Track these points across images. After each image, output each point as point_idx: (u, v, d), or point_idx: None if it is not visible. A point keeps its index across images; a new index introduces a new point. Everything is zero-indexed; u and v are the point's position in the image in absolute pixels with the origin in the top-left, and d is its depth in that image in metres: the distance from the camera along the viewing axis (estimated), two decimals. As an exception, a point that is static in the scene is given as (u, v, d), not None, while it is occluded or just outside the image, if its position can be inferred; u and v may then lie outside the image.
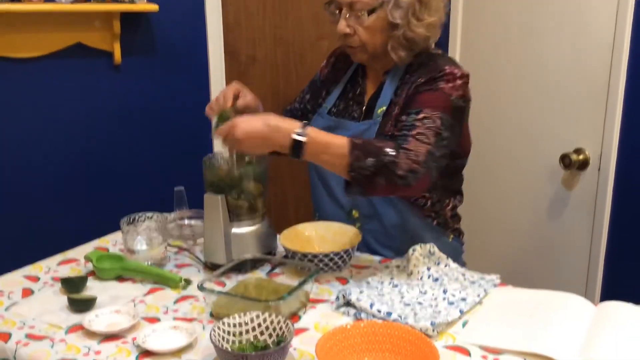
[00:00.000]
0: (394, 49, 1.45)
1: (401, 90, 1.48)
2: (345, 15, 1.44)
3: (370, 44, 1.46)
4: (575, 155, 2.13)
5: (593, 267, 2.16)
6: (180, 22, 2.29)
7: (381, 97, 1.50)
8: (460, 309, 1.22)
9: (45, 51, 2.08)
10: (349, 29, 1.45)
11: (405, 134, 1.35)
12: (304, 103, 1.72)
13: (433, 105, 1.38)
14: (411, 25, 1.42)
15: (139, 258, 1.44)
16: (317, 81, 1.71)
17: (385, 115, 1.48)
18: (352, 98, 1.59)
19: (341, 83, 1.63)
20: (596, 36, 2.04)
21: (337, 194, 1.56)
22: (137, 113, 2.28)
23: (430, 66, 1.45)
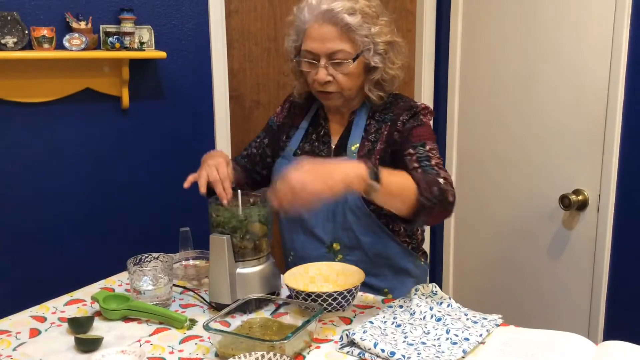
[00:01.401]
0: (370, 90, 1.57)
1: (375, 128, 1.58)
2: (324, 65, 1.51)
3: (347, 89, 1.55)
4: (574, 196, 2.16)
5: (595, 306, 2.16)
6: (187, 68, 2.36)
7: (352, 135, 1.59)
8: (463, 348, 1.23)
9: (55, 96, 2.13)
10: (329, 77, 1.52)
11: (428, 164, 1.47)
12: (262, 147, 1.77)
13: (429, 137, 1.53)
14: (386, 68, 1.55)
15: (145, 298, 1.45)
16: (273, 126, 1.77)
17: (360, 152, 1.57)
18: (317, 139, 1.66)
19: (301, 127, 1.69)
20: (593, 78, 2.10)
21: (315, 229, 1.60)
22: (144, 155, 2.32)
23: (400, 104, 1.59)
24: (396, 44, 1.57)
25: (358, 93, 1.59)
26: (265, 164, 1.76)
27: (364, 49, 1.51)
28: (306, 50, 1.53)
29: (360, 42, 1.50)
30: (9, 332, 1.36)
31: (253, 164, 1.78)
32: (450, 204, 1.41)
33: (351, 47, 1.50)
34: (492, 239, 2.53)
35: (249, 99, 2.60)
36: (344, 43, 1.49)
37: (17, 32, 2.00)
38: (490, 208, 2.52)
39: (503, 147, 2.44)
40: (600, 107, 2.08)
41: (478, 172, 2.57)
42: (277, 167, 1.67)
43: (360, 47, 1.50)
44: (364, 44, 1.50)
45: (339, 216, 1.57)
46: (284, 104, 1.78)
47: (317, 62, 1.52)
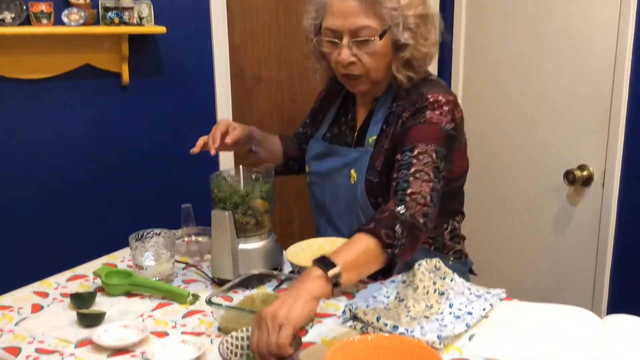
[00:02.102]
0: (399, 71, 1.41)
1: (391, 120, 1.45)
2: (347, 44, 1.37)
3: (374, 70, 1.40)
4: (579, 171, 2.14)
5: (599, 281, 2.16)
6: (187, 43, 2.33)
7: (371, 126, 1.47)
8: (466, 322, 1.23)
9: (54, 72, 2.11)
10: (353, 57, 1.38)
11: (405, 173, 1.30)
12: (305, 127, 1.74)
13: (425, 138, 1.33)
14: (418, 45, 1.39)
15: (147, 274, 1.45)
16: (315, 106, 1.71)
17: (376, 145, 1.45)
18: (345, 123, 1.57)
19: (334, 108, 1.61)
20: (599, 53, 2.07)
21: (336, 221, 1.56)
22: (144, 132, 2.31)
23: (413, 96, 1.41)
24: (429, 16, 1.40)
25: (386, 75, 1.43)
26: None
27: (392, 24, 1.35)
28: (327, 27, 1.38)
29: (387, 16, 1.34)
30: (11, 308, 1.36)
31: (300, 143, 1.73)
32: (421, 227, 1.23)
33: (377, 22, 1.35)
34: (496, 214, 2.52)
35: (250, 75, 2.58)
36: (369, 18, 1.34)
37: (15, 7, 1.97)
38: (494, 183, 2.51)
39: (508, 122, 2.42)
40: (606, 82, 2.06)
41: (482, 148, 2.56)
42: (309, 148, 1.62)
43: (387, 22, 1.35)
44: (392, 18, 1.35)
45: (354, 211, 1.49)
46: (321, 91, 1.70)
47: (339, 41, 1.37)
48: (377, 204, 1.44)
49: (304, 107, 2.57)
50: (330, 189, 1.54)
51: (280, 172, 1.72)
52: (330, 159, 1.54)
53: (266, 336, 1.00)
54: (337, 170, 1.51)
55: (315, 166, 1.58)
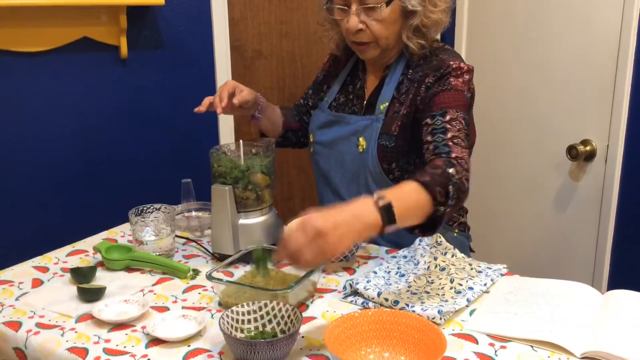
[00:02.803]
0: (410, 39, 1.42)
1: (405, 88, 1.45)
2: (355, 11, 1.38)
3: (383, 38, 1.41)
4: (582, 146, 2.13)
5: (600, 257, 2.16)
6: (186, 16, 2.30)
7: (382, 93, 1.48)
8: (467, 297, 1.23)
9: (51, 45, 2.08)
10: (361, 24, 1.39)
11: (442, 137, 1.31)
12: (307, 99, 1.73)
13: (454, 105, 1.35)
14: (427, 12, 1.39)
15: (147, 249, 1.45)
16: (319, 77, 1.70)
17: (388, 113, 1.45)
18: (353, 92, 1.57)
19: (341, 77, 1.61)
20: (603, 28, 2.04)
21: (341, 191, 1.56)
22: (143, 106, 2.29)
23: (432, 62, 1.42)
24: None
25: (396, 42, 1.44)
26: (310, 115, 1.69)
27: None
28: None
29: None
30: (11, 282, 1.36)
31: (301, 114, 1.73)
32: (466, 192, 1.26)
33: None
34: (498, 190, 2.51)
35: (250, 49, 2.54)
36: None
37: (10, -22, 1.93)
38: (496, 158, 2.50)
39: (511, 97, 2.40)
40: (610, 57, 2.03)
41: (485, 123, 2.53)
42: (313, 118, 1.63)
43: None
44: None
45: (362, 179, 1.50)
46: (329, 56, 1.69)
47: (348, 9, 1.39)
48: (390, 170, 1.46)
49: (305, 82, 2.54)
50: (336, 158, 1.54)
51: (279, 143, 1.72)
52: (336, 128, 1.54)
53: (304, 246, 1.01)
54: (344, 138, 1.51)
55: (320, 135, 1.57)
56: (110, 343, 1.11)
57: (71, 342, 1.12)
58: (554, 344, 1.07)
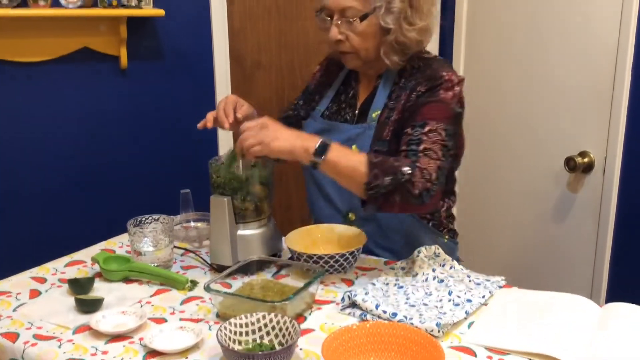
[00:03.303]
0: (386, 54, 1.46)
1: (396, 95, 1.49)
2: (336, 22, 1.44)
3: (362, 50, 1.47)
4: (580, 158, 2.13)
5: (598, 269, 2.16)
6: (186, 26, 2.31)
7: (375, 102, 1.51)
8: (465, 310, 1.22)
9: (51, 55, 2.09)
10: (340, 35, 1.45)
11: (414, 149, 1.36)
12: (297, 109, 1.72)
13: (437, 117, 1.39)
14: (403, 30, 1.44)
15: (145, 260, 1.44)
16: (310, 87, 1.71)
17: (380, 119, 1.48)
18: (345, 101, 1.60)
19: (334, 86, 1.64)
20: (601, 39, 2.05)
21: (333, 197, 1.57)
22: (143, 116, 2.30)
23: (426, 72, 1.46)
24: (416, 3, 1.44)
25: (379, 55, 1.48)
26: (300, 125, 1.68)
27: (376, 6, 1.41)
28: (322, 6, 1.47)
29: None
30: (9, 293, 1.35)
31: (290, 125, 1.67)
32: (414, 196, 1.30)
33: (361, 4, 1.41)
34: (496, 201, 2.51)
35: (250, 59, 2.55)
36: (355, 0, 1.41)
37: (11, -11, 1.94)
38: (494, 169, 2.50)
39: (509, 108, 2.40)
40: (608, 69, 2.04)
41: (483, 133, 2.54)
42: (305, 128, 1.62)
43: (371, 5, 1.41)
44: (376, 1, 1.41)
45: None
46: (321, 65, 1.71)
47: (331, 19, 1.46)
48: None
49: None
50: None
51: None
52: (329, 136, 1.53)
53: (249, 132, 1.31)
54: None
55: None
56: (108, 355, 1.11)
57: (68, 354, 1.12)
58: (552, 357, 1.06)
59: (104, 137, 2.24)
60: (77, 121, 2.18)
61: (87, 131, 2.20)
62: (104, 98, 2.22)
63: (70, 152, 2.19)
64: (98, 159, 2.24)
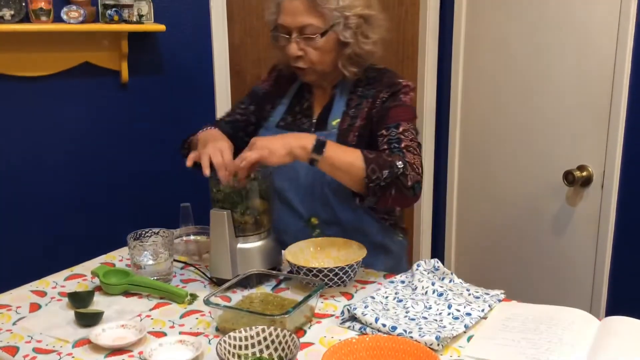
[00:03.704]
0: (344, 66, 1.54)
1: (356, 103, 1.57)
2: (295, 39, 1.50)
3: (319, 64, 1.53)
4: (578, 172, 2.14)
5: (598, 283, 2.16)
6: (186, 41, 2.33)
7: (333, 110, 1.59)
8: (465, 323, 1.23)
9: (53, 70, 2.11)
10: (300, 51, 1.51)
11: (397, 146, 1.46)
12: (247, 115, 1.74)
13: (405, 118, 1.52)
14: (360, 43, 1.52)
15: (145, 273, 1.45)
16: (259, 92, 1.75)
17: (341, 126, 1.56)
18: (300, 112, 1.66)
19: (286, 98, 1.69)
20: (598, 53, 2.06)
21: (294, 203, 1.61)
22: (143, 131, 2.31)
23: (383, 80, 1.57)
24: (371, 17, 1.53)
25: (334, 68, 1.56)
26: (249, 131, 1.72)
27: (334, 23, 1.48)
28: (280, 24, 1.52)
29: (329, 16, 1.47)
30: (9, 307, 1.36)
31: (236, 130, 1.71)
32: (408, 189, 1.40)
33: (320, 21, 1.48)
34: (495, 215, 2.52)
35: (250, 74, 2.57)
36: (312, 17, 1.47)
37: (14, 4, 1.96)
38: (493, 183, 2.51)
39: (507, 123, 2.42)
40: (606, 83, 2.06)
41: (481, 148, 2.55)
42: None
43: (329, 22, 1.48)
44: (334, 18, 1.48)
45: (317, 191, 1.58)
46: (270, 73, 1.76)
47: (289, 37, 1.51)
48: None
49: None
50: (289, 174, 1.59)
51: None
52: None
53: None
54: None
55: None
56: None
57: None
58: (552, 370, 1.06)
59: (105, 150, 2.25)
60: (77, 135, 2.19)
61: (87, 145, 2.21)
62: (105, 112, 2.23)
63: (71, 166, 2.19)
64: (98, 173, 2.25)
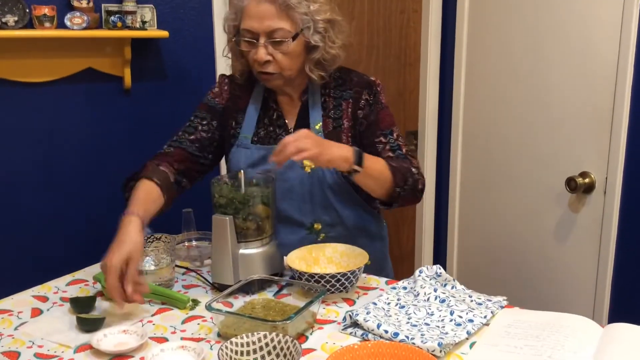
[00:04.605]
0: (312, 71, 1.55)
1: (333, 105, 1.59)
2: (263, 44, 1.48)
3: (287, 69, 1.52)
4: (580, 178, 2.14)
5: (600, 289, 2.15)
6: (189, 48, 2.34)
7: (312, 115, 1.59)
8: (467, 330, 1.22)
9: (56, 76, 2.11)
10: (268, 56, 1.49)
11: (400, 153, 1.57)
12: (211, 131, 1.64)
13: (393, 122, 1.61)
14: (327, 47, 1.52)
15: (147, 278, 1.44)
16: (216, 107, 1.65)
17: (327, 129, 1.58)
18: (271, 124, 1.62)
19: (249, 111, 1.62)
20: (601, 59, 2.06)
21: (291, 214, 1.61)
22: (146, 136, 2.31)
23: (354, 80, 1.61)
24: (337, 22, 1.54)
25: (299, 73, 1.56)
26: (213, 149, 1.65)
27: (304, 27, 1.49)
28: (245, 29, 1.50)
29: (299, 20, 1.48)
30: (10, 312, 1.36)
31: (202, 150, 1.64)
32: (419, 192, 1.56)
33: (290, 25, 1.47)
34: (497, 221, 2.51)
35: (253, 80, 2.57)
36: (282, 21, 1.47)
37: (17, 10, 1.97)
38: (495, 190, 2.51)
39: (509, 129, 2.42)
40: (608, 89, 2.06)
41: (484, 154, 2.55)
42: (235, 157, 1.60)
43: (299, 26, 1.48)
44: (304, 22, 1.48)
45: (317, 196, 1.59)
46: (221, 85, 1.68)
47: (257, 41, 1.49)
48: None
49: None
50: (284, 187, 1.59)
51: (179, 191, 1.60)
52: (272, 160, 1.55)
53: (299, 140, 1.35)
54: (287, 166, 1.53)
55: (257, 171, 1.56)
56: (109, 374, 1.11)
57: (69, 373, 1.11)
58: (555, 377, 1.06)
59: (108, 156, 2.25)
60: (80, 140, 2.20)
61: (90, 150, 2.22)
62: (108, 118, 2.23)
63: (73, 171, 2.20)
64: (102, 178, 2.25)
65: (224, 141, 1.66)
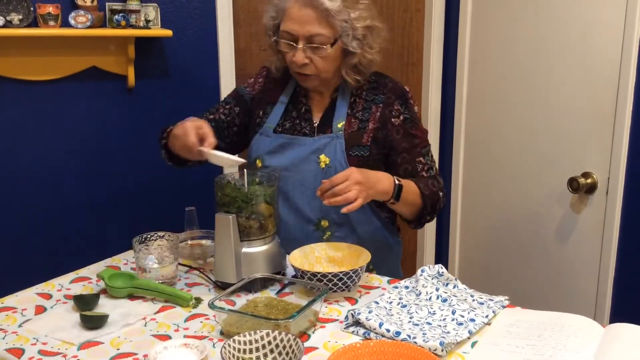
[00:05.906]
0: (348, 74, 1.58)
1: (362, 107, 1.61)
2: (302, 48, 1.51)
3: (324, 72, 1.56)
4: (583, 179, 2.14)
5: (602, 289, 2.15)
6: (193, 46, 2.34)
7: (337, 113, 1.61)
8: (469, 329, 1.23)
9: (60, 74, 2.12)
10: (307, 59, 1.52)
11: (432, 174, 1.64)
12: (232, 116, 1.72)
13: (426, 137, 1.66)
14: (365, 53, 1.55)
15: (150, 277, 1.45)
16: (245, 96, 1.73)
17: (348, 129, 1.59)
18: (298, 117, 1.66)
19: (280, 103, 1.67)
20: (604, 59, 2.06)
21: (301, 207, 1.62)
22: (149, 134, 2.31)
23: (388, 85, 1.64)
24: (375, 28, 1.56)
25: (335, 75, 1.59)
26: (231, 132, 1.71)
27: (343, 33, 1.51)
28: (285, 30, 1.53)
29: (339, 26, 1.50)
30: (14, 309, 1.36)
31: (218, 130, 1.68)
32: (439, 210, 1.65)
33: (330, 31, 1.50)
34: (499, 221, 2.52)
35: (256, 78, 2.58)
36: (322, 27, 1.49)
37: (22, 9, 1.98)
38: (497, 190, 2.51)
39: (512, 129, 2.42)
40: (610, 89, 2.06)
41: (486, 154, 2.56)
42: (256, 144, 1.66)
43: (338, 32, 1.51)
44: (343, 28, 1.50)
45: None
46: (257, 77, 1.75)
47: (295, 44, 1.51)
48: None
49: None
50: (295, 178, 1.61)
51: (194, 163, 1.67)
52: (291, 150, 1.62)
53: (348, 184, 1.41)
54: (304, 159, 1.59)
55: (272, 159, 1.63)
56: (112, 371, 1.12)
57: (73, 370, 1.12)
58: (556, 377, 1.06)
59: (111, 154, 2.26)
60: (84, 139, 2.21)
61: (93, 148, 2.23)
62: (111, 116, 2.24)
63: (77, 170, 2.21)
64: (104, 177, 2.26)
65: (248, 129, 1.70)
